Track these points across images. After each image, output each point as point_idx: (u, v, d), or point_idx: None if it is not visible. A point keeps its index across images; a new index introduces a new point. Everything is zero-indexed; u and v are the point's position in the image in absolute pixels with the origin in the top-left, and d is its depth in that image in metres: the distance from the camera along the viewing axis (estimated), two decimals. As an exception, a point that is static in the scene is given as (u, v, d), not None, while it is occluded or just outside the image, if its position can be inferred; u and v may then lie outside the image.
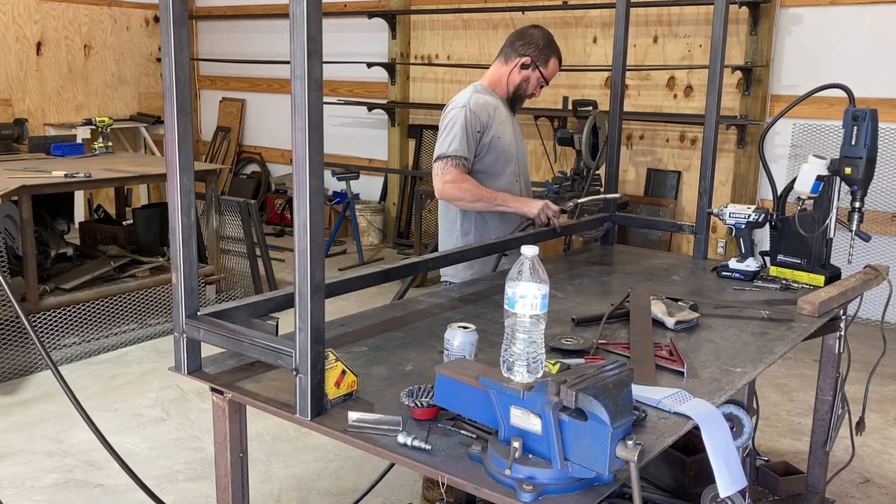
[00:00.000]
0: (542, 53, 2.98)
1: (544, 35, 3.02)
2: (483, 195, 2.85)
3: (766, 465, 2.99)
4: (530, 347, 1.40)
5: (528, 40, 2.99)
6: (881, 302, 2.56)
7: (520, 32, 3.04)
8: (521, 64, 2.98)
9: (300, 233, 1.47)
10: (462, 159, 2.83)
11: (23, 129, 5.75)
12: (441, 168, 2.84)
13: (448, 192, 2.84)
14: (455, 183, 2.82)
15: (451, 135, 2.85)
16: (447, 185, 2.83)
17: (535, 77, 3.01)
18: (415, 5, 7.33)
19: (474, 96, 2.93)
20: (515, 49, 3.00)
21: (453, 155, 2.82)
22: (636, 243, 5.85)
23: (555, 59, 3.02)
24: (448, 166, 2.83)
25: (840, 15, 5.39)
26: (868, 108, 2.45)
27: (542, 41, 2.99)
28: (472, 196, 2.84)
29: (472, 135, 2.86)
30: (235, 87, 8.99)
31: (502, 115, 2.99)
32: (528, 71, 2.99)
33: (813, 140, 5.50)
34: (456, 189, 2.83)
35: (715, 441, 1.48)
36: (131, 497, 3.15)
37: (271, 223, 8.18)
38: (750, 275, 2.66)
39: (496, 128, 2.93)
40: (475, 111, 2.87)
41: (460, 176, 2.83)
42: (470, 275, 2.95)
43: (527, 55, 2.98)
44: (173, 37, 1.64)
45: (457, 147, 2.83)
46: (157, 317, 5.14)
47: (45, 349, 2.39)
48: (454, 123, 2.86)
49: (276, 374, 1.76)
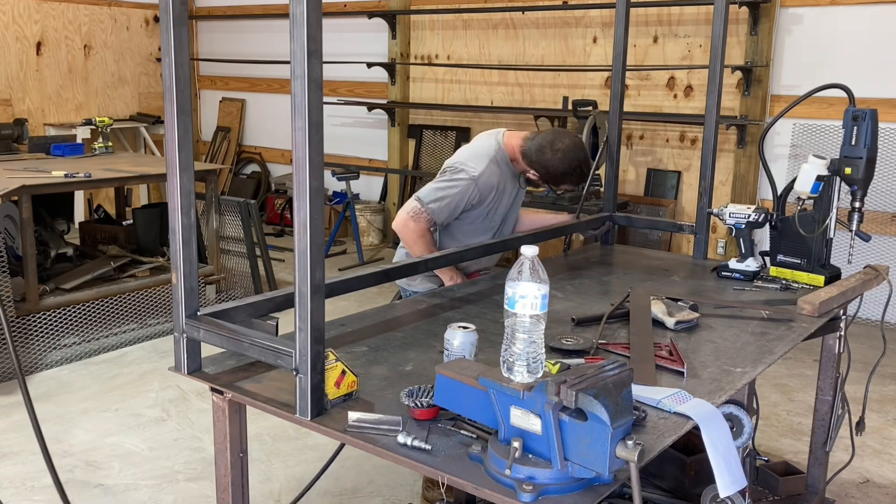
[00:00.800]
0: (553, 178, 2.88)
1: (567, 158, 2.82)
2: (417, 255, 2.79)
3: (766, 465, 2.99)
4: (530, 347, 1.40)
5: (544, 162, 2.84)
6: (881, 302, 2.56)
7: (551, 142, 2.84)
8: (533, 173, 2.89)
9: (300, 233, 1.47)
10: (434, 223, 2.81)
11: (23, 129, 5.74)
12: (415, 211, 2.80)
13: (404, 234, 2.82)
14: (414, 234, 2.80)
15: (445, 193, 2.81)
16: (407, 230, 2.81)
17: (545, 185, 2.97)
18: (415, 5, 7.33)
19: (490, 167, 2.84)
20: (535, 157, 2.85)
21: (432, 212, 2.79)
22: (636, 243, 5.85)
23: (567, 184, 2.91)
24: (421, 216, 2.79)
25: (840, 15, 5.39)
26: (868, 108, 2.45)
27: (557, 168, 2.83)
28: (418, 249, 2.80)
29: (464, 206, 2.83)
30: (235, 87, 8.99)
31: (505, 186, 2.93)
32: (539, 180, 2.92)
33: (813, 140, 5.50)
34: (411, 238, 2.81)
35: (715, 441, 1.48)
36: (131, 497, 3.15)
37: (271, 223, 8.18)
38: (750, 275, 2.66)
39: (491, 204, 2.89)
40: (480, 188, 2.83)
41: (422, 231, 2.80)
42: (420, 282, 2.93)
43: (539, 174, 2.88)
44: (173, 37, 1.64)
45: (438, 209, 2.80)
46: (157, 317, 5.14)
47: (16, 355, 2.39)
48: (455, 188, 2.81)
49: (276, 374, 1.76)
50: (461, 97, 7.26)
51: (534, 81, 6.77)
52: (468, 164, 2.85)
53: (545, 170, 2.85)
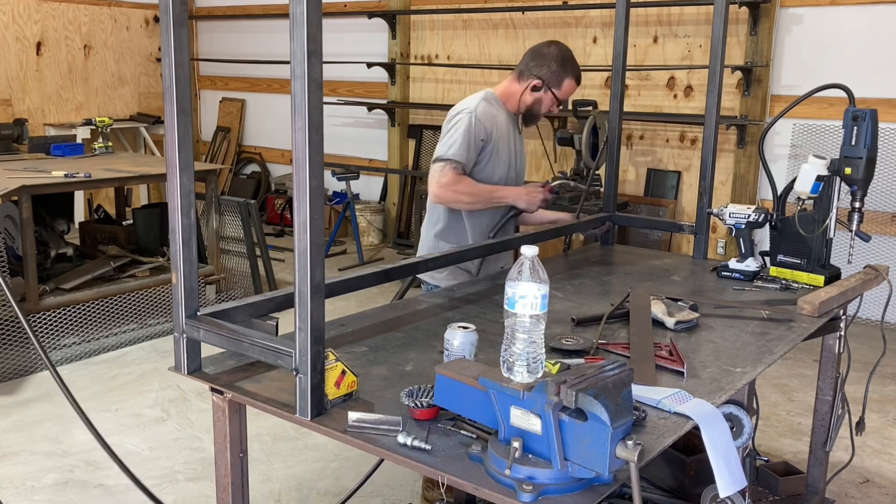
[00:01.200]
0: (554, 75, 2.90)
1: (560, 54, 2.92)
2: (479, 193, 2.83)
3: (766, 465, 2.99)
4: (530, 347, 1.40)
5: (541, 61, 2.90)
6: (881, 302, 2.56)
7: (535, 51, 2.95)
8: (533, 86, 2.91)
9: (300, 233, 1.47)
10: (460, 165, 2.79)
11: (23, 129, 5.75)
12: (438, 171, 2.80)
13: (444, 195, 2.82)
14: (451, 186, 2.79)
15: (452, 138, 2.82)
16: (443, 189, 2.80)
17: (548, 98, 2.94)
18: (415, 5, 7.33)
19: (482, 104, 2.87)
20: (529, 69, 2.92)
21: (452, 159, 2.79)
22: (636, 243, 5.85)
23: (570, 79, 2.94)
24: (446, 169, 2.79)
25: (840, 15, 5.39)
26: (868, 108, 2.44)
27: (555, 63, 2.90)
28: (469, 198, 2.83)
29: (475, 142, 2.82)
30: (235, 87, 8.99)
31: (505, 129, 2.94)
32: (541, 93, 2.92)
33: (813, 140, 5.50)
34: (452, 192, 2.80)
35: (715, 441, 1.48)
36: (131, 497, 3.15)
37: (271, 223, 8.19)
38: (750, 275, 2.66)
39: (498, 141, 2.90)
40: (481, 119, 2.83)
41: (456, 178, 2.79)
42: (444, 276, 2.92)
43: (539, 77, 2.90)
44: (173, 37, 1.64)
45: (456, 151, 2.79)
46: (157, 317, 5.14)
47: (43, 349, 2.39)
48: (458, 127, 2.82)
49: (276, 374, 1.76)
50: (461, 97, 7.18)
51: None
52: (461, 107, 2.89)
53: (545, 68, 2.89)
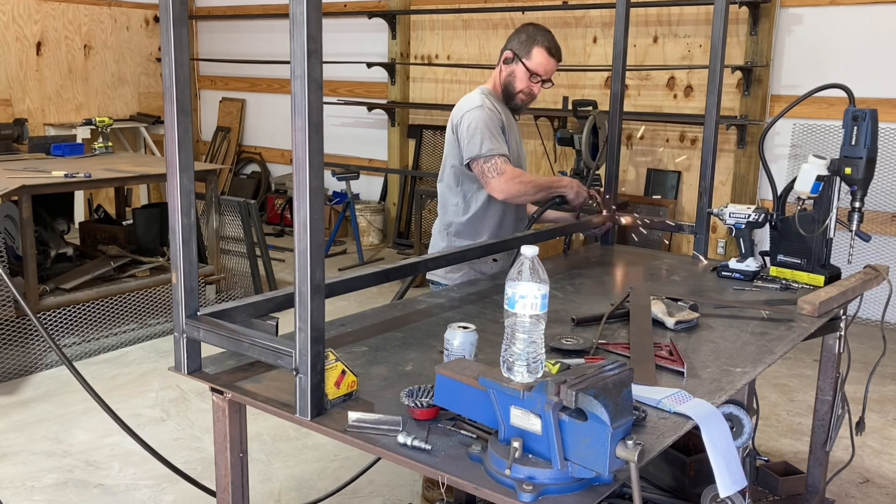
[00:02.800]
0: (523, 45, 2.87)
1: (531, 27, 2.90)
2: (540, 183, 2.86)
3: (766, 465, 2.99)
4: (530, 347, 1.40)
5: (513, 37, 2.91)
6: (881, 302, 2.56)
7: (511, 37, 2.95)
8: (504, 59, 2.91)
9: (300, 233, 1.47)
10: (504, 156, 2.77)
11: (23, 129, 5.75)
12: (492, 168, 2.76)
13: (512, 188, 2.77)
14: (516, 178, 2.76)
15: (480, 135, 2.78)
16: (509, 183, 2.75)
17: (520, 71, 2.88)
18: (415, 5, 7.33)
19: (484, 98, 2.88)
20: (512, 45, 2.92)
21: (496, 153, 2.76)
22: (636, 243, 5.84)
23: (539, 48, 2.86)
24: (498, 164, 2.75)
25: (840, 15, 5.39)
26: (868, 108, 2.44)
27: (525, 34, 2.88)
28: (532, 188, 2.83)
29: (498, 132, 2.80)
30: (235, 87, 8.99)
31: (508, 119, 2.95)
32: (512, 65, 2.90)
33: (813, 140, 5.50)
34: (519, 184, 2.77)
35: (715, 441, 1.48)
36: (131, 497, 3.15)
37: (271, 223, 8.19)
38: (750, 275, 2.66)
39: (507, 132, 2.90)
40: (491, 110, 2.83)
41: (515, 171, 2.77)
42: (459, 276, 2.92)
43: (508, 48, 2.90)
44: (173, 37, 1.64)
45: (491, 145, 2.76)
46: (157, 317, 5.14)
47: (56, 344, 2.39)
48: (477, 124, 2.79)
49: (276, 374, 1.76)
50: (461, 97, 7.24)
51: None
52: (467, 105, 2.87)
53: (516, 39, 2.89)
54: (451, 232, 2.98)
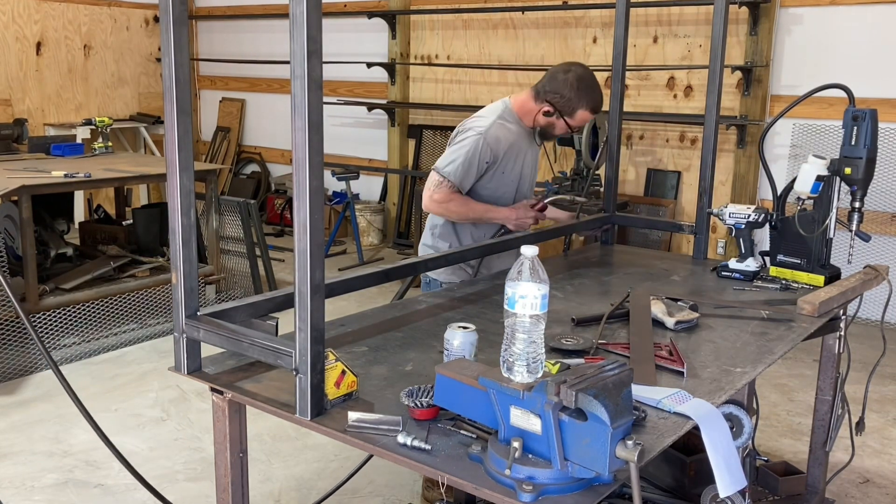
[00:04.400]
0: (567, 104, 2.81)
1: (576, 81, 2.80)
2: (469, 213, 2.86)
3: (766, 465, 2.99)
4: (530, 347, 1.40)
5: (556, 87, 2.81)
6: (881, 302, 2.56)
7: (553, 74, 2.85)
8: (545, 111, 2.85)
9: (300, 233, 1.47)
10: (454, 186, 2.80)
11: (23, 129, 5.74)
12: (434, 184, 2.83)
13: (434, 209, 2.88)
14: (442, 203, 2.83)
15: (456, 154, 2.80)
16: (433, 203, 2.85)
17: (560, 124, 2.87)
18: (415, 5, 7.33)
19: (497, 124, 2.83)
20: (545, 91, 2.84)
21: (447, 178, 2.80)
22: (636, 243, 5.85)
23: (583, 110, 2.83)
24: (442, 186, 2.81)
25: (840, 15, 5.39)
26: (868, 108, 2.44)
27: (570, 91, 2.79)
28: (458, 216, 2.87)
29: (478, 165, 2.81)
30: (235, 87, 8.99)
31: (519, 145, 2.90)
32: (553, 118, 2.85)
33: (813, 140, 5.50)
34: (442, 209, 2.85)
35: (715, 441, 1.48)
36: (131, 497, 3.15)
37: (271, 223, 8.19)
38: (750, 275, 2.66)
39: (506, 162, 2.87)
40: (490, 143, 2.79)
41: (448, 196, 2.81)
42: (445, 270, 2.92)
43: (551, 103, 2.82)
44: (173, 37, 1.64)
45: (454, 170, 2.79)
46: (157, 317, 5.14)
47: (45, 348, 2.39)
48: (464, 146, 2.80)
49: (276, 374, 1.76)
50: (461, 97, 7.25)
51: (534, 81, 6.66)
52: (475, 123, 2.86)
53: (559, 95, 2.81)
54: (436, 234, 3.00)
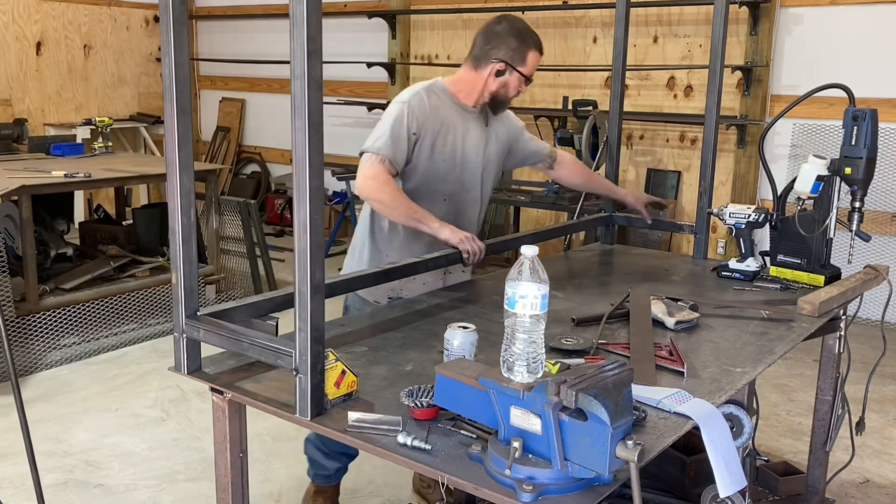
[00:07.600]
0: (517, 53, 2.62)
1: (513, 29, 2.64)
2: (402, 204, 2.50)
3: (766, 465, 2.99)
4: (530, 347, 1.40)
5: (498, 41, 2.62)
6: (881, 302, 2.56)
7: (486, 33, 2.66)
8: (496, 71, 2.62)
9: (300, 233, 1.47)
10: (387, 158, 2.52)
11: (23, 129, 5.75)
12: (365, 163, 2.54)
13: (368, 187, 2.52)
14: (377, 181, 2.50)
15: (380, 129, 2.56)
16: (368, 181, 2.51)
17: (514, 79, 2.66)
18: (415, 5, 7.33)
19: (420, 94, 2.61)
20: (486, 54, 2.63)
21: (377, 152, 2.52)
22: (636, 243, 5.85)
23: (531, 51, 2.64)
24: (373, 162, 2.52)
25: (840, 15, 5.39)
26: (868, 108, 2.44)
27: (512, 39, 2.61)
28: (390, 199, 2.50)
29: (406, 136, 2.55)
30: (235, 87, 8.98)
31: (453, 120, 2.66)
32: (506, 76, 2.64)
33: (813, 140, 5.50)
34: (377, 189, 2.51)
35: (715, 441, 1.48)
36: (131, 497, 3.15)
37: (271, 223, 8.18)
38: (750, 275, 2.66)
39: (437, 136, 2.61)
40: (415, 110, 2.56)
41: (384, 176, 2.50)
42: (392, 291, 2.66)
43: (500, 60, 2.62)
44: (173, 37, 1.64)
45: (382, 144, 2.52)
46: (157, 317, 5.14)
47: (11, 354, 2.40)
48: (388, 118, 2.57)
49: (276, 374, 1.76)
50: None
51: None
52: (398, 97, 2.65)
53: (505, 46, 2.61)
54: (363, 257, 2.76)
